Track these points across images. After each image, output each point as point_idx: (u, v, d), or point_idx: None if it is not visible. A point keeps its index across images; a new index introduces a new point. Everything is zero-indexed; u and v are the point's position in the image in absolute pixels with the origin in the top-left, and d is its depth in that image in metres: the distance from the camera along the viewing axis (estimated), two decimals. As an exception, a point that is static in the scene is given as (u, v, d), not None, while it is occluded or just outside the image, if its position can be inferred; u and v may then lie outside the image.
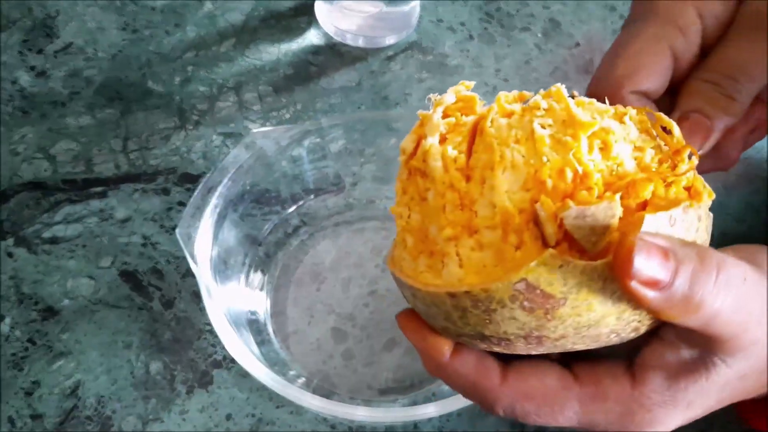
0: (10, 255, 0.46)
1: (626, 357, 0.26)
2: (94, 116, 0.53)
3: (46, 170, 0.50)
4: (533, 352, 0.25)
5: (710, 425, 0.42)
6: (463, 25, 0.61)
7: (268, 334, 0.44)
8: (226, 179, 0.42)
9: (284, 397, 0.35)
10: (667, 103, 0.34)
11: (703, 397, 0.26)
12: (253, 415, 0.42)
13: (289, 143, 0.44)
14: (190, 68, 0.56)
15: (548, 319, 0.23)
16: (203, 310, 0.41)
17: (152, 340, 0.44)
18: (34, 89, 0.54)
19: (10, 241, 0.47)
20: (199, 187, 0.41)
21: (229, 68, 0.56)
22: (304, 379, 0.43)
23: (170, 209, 0.49)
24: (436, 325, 0.26)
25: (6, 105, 0.53)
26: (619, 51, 0.33)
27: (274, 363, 0.42)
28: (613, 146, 0.24)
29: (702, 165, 0.34)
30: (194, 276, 0.39)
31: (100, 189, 0.50)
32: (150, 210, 0.49)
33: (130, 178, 0.50)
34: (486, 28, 0.61)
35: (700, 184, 0.25)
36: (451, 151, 0.25)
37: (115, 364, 0.43)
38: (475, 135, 0.26)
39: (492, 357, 0.26)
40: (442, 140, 0.26)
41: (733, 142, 0.34)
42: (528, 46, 0.60)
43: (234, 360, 0.36)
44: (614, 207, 0.22)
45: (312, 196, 0.48)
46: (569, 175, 0.23)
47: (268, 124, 0.54)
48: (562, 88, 0.25)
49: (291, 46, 0.58)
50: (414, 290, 0.25)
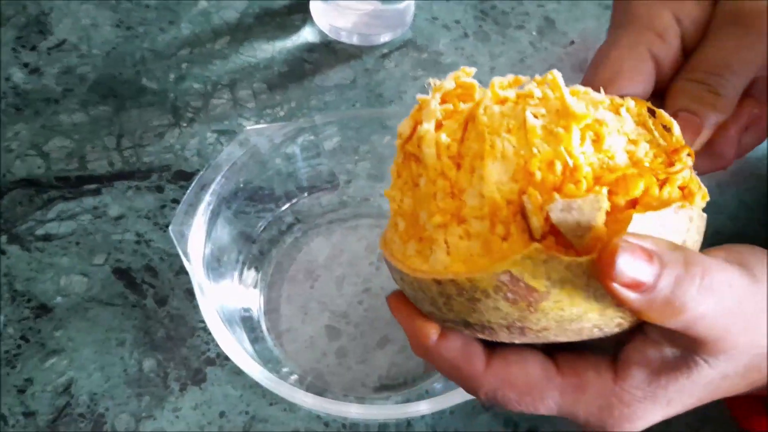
0: (3, 252, 0.46)
1: (611, 351, 0.26)
2: (87, 113, 0.53)
3: (39, 167, 0.50)
4: (516, 342, 0.25)
5: (703, 423, 0.42)
6: (458, 23, 0.61)
7: (262, 332, 0.44)
8: (219, 177, 0.42)
9: (278, 395, 0.35)
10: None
11: (684, 395, 0.26)
12: (247, 413, 0.42)
13: (283, 141, 0.44)
14: (184, 65, 0.56)
15: (531, 312, 0.23)
16: (197, 307, 0.41)
17: (145, 338, 0.44)
18: (27, 86, 0.54)
19: (3, 238, 0.47)
20: (193, 185, 0.41)
21: (224, 66, 0.56)
22: (297, 377, 0.43)
23: (164, 207, 0.49)
24: (422, 309, 0.26)
25: (-1, 102, 0.53)
26: (600, 59, 0.33)
27: (268, 360, 0.42)
28: (605, 138, 0.24)
29: (698, 165, 0.34)
30: (188, 273, 0.39)
31: (93, 186, 0.50)
32: (144, 207, 0.49)
33: (124, 176, 0.50)
34: (481, 26, 0.61)
35: (696, 185, 0.25)
36: (445, 138, 0.25)
37: (108, 361, 0.43)
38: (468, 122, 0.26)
39: (477, 342, 0.26)
40: (438, 126, 0.26)
41: (726, 140, 0.34)
42: (523, 44, 0.60)
43: (227, 357, 0.36)
44: (601, 201, 0.22)
45: (306, 194, 0.48)
46: (558, 167, 0.23)
47: (262, 121, 0.53)
48: (558, 76, 0.25)
49: (286, 44, 0.58)
50: (402, 274, 0.25)
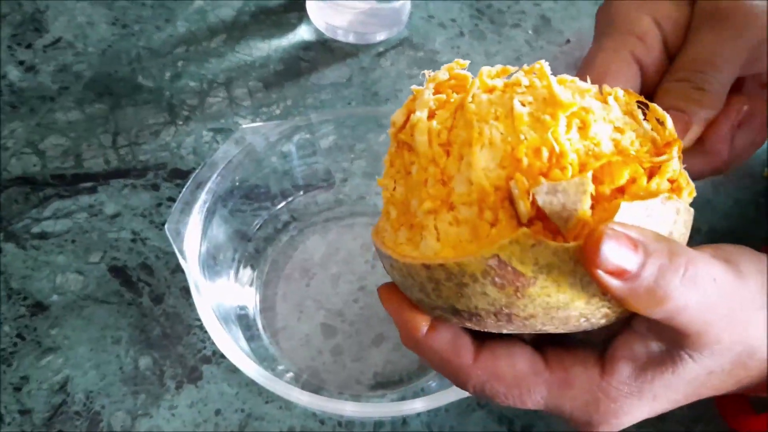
0: (-2, 250, 0.46)
1: (600, 346, 0.27)
2: (83, 111, 0.53)
3: (35, 165, 0.50)
4: (504, 331, 0.25)
5: (695, 422, 0.42)
6: (453, 21, 0.61)
7: (258, 330, 0.44)
8: (215, 175, 0.42)
9: (273, 393, 0.35)
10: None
11: (669, 390, 0.26)
12: (243, 410, 0.42)
13: (279, 139, 0.44)
14: (180, 63, 0.56)
15: (518, 297, 0.23)
16: (192, 305, 0.41)
17: (141, 336, 0.44)
18: (23, 84, 0.54)
19: (-1, 236, 0.47)
20: (189, 183, 0.41)
21: (220, 64, 0.56)
22: (293, 375, 0.43)
23: (160, 205, 0.49)
24: (411, 296, 0.26)
25: (-5, 100, 0.53)
26: (586, 64, 0.34)
27: (263, 358, 0.42)
28: (591, 126, 0.24)
29: (693, 164, 0.34)
30: (183, 271, 0.39)
31: (89, 184, 0.50)
32: (139, 205, 0.49)
33: (120, 174, 0.50)
34: (477, 25, 0.61)
35: (684, 180, 0.25)
36: (436, 125, 0.25)
37: (104, 359, 0.43)
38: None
39: (467, 335, 0.26)
40: (431, 116, 0.26)
41: (718, 137, 0.34)
42: (518, 42, 0.60)
43: (223, 355, 0.37)
44: (585, 184, 0.22)
45: (301, 192, 0.48)
46: (545, 154, 0.23)
47: (258, 119, 0.54)
48: (545, 65, 0.25)
49: (281, 42, 0.58)
50: (392, 260, 0.25)
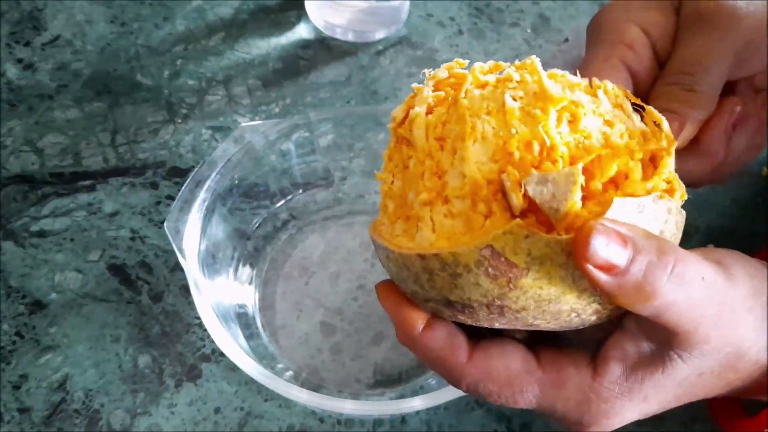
0: (-3, 248, 0.46)
1: (593, 348, 0.27)
2: (82, 109, 0.53)
3: (33, 163, 0.50)
4: (496, 324, 0.25)
5: (693, 421, 0.42)
6: (452, 20, 0.61)
7: (257, 328, 0.44)
8: (214, 173, 0.42)
9: (273, 391, 0.35)
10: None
11: (660, 391, 0.26)
12: (242, 409, 0.42)
13: (278, 137, 0.44)
14: (179, 62, 0.56)
15: (510, 288, 0.23)
16: (192, 303, 0.41)
17: (140, 334, 0.44)
18: (21, 82, 0.54)
19: (-2, 234, 0.47)
20: (188, 181, 0.41)
21: (218, 62, 0.56)
22: (292, 373, 0.43)
23: (159, 203, 0.49)
24: (406, 289, 0.26)
25: (-7, 98, 0.53)
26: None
27: (263, 357, 0.42)
28: (581, 119, 0.25)
29: (691, 166, 0.34)
30: (183, 270, 0.39)
31: (88, 182, 0.49)
32: (138, 204, 0.49)
33: (119, 172, 0.50)
34: (476, 23, 0.61)
35: (677, 181, 0.25)
36: (432, 119, 0.26)
37: (103, 357, 0.43)
38: None
39: (462, 334, 0.26)
40: (429, 112, 0.27)
41: (714, 138, 0.34)
42: (517, 41, 0.60)
43: (222, 354, 0.37)
44: (575, 174, 0.22)
45: (301, 191, 0.48)
46: (536, 147, 0.24)
47: (257, 118, 0.54)
48: (536, 61, 0.26)
49: (280, 40, 0.58)
50: (388, 252, 0.26)
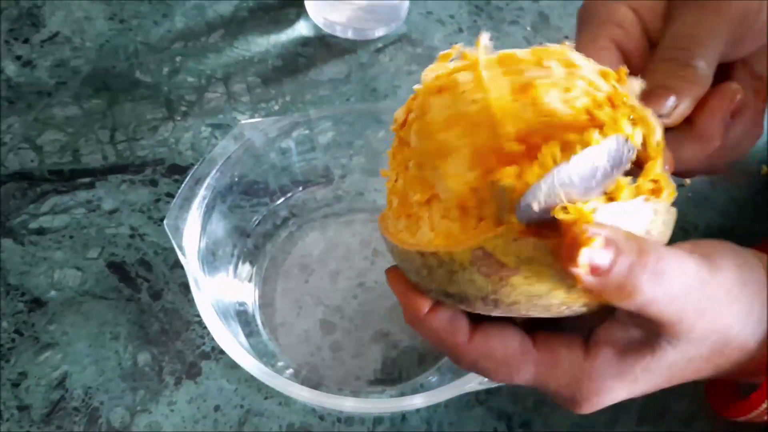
0: (-4, 246, 0.46)
1: (586, 332, 0.29)
2: (81, 106, 0.53)
3: (32, 161, 0.50)
4: (493, 314, 0.27)
5: (693, 418, 0.43)
6: (452, 17, 0.61)
7: (257, 326, 0.44)
8: (214, 171, 0.41)
9: (273, 389, 0.35)
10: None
11: (649, 374, 0.28)
12: (242, 406, 0.42)
13: (278, 135, 0.44)
14: (178, 59, 0.56)
15: (502, 285, 0.25)
16: (191, 301, 0.41)
17: (140, 332, 0.44)
18: (20, 79, 0.54)
19: (-3, 231, 0.47)
20: (187, 179, 0.41)
21: (218, 59, 0.56)
22: (292, 371, 0.43)
23: (158, 200, 0.49)
24: (410, 278, 0.28)
25: (-8, 95, 0.53)
26: None
27: (263, 354, 0.42)
28: (543, 99, 0.25)
29: (687, 150, 0.33)
30: (182, 267, 0.38)
31: (87, 180, 0.49)
32: (138, 201, 0.49)
33: (118, 169, 0.50)
34: (475, 21, 0.61)
35: (665, 181, 0.26)
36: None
37: (102, 355, 0.43)
38: None
39: (464, 317, 0.28)
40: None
41: (712, 121, 0.33)
42: (517, 39, 0.60)
43: (222, 351, 0.37)
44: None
45: (300, 188, 0.48)
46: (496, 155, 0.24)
47: (256, 115, 0.53)
48: (480, 52, 0.26)
49: (280, 38, 0.58)
50: (392, 246, 0.28)
